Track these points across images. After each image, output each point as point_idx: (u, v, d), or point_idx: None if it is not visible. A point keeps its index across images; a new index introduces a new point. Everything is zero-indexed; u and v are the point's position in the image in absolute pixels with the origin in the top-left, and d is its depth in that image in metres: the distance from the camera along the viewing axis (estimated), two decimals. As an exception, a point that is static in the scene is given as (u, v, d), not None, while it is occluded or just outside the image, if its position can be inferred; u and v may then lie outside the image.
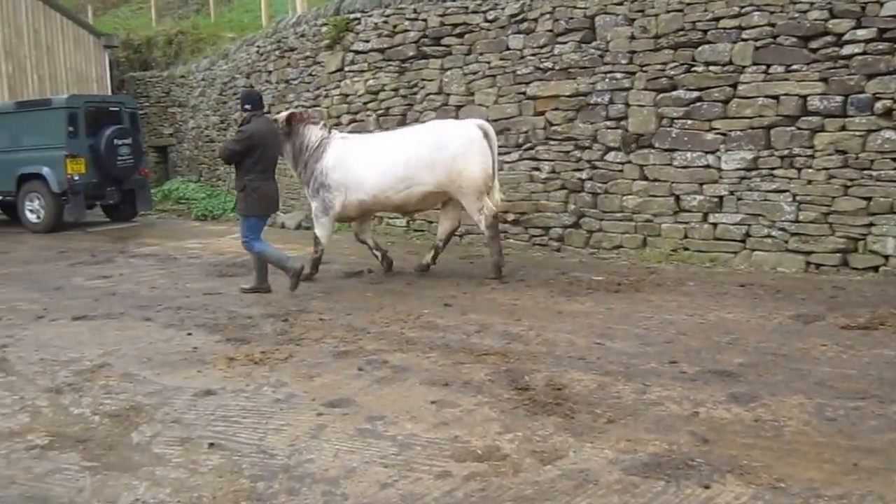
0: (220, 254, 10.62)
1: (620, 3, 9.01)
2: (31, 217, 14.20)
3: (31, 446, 4.27)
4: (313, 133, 8.40)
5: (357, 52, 11.97)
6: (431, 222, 11.09)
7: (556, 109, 9.59)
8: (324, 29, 12.58)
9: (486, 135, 8.24)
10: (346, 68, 12.20)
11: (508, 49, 9.97)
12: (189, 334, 6.49)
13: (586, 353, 5.56)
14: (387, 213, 9.64)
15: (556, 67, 9.55)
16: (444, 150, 8.07)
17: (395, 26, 11.31)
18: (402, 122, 11.29)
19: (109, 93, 20.17)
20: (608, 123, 9.18)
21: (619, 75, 9.07)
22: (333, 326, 6.55)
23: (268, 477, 3.77)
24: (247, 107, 7.82)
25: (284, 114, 8.59)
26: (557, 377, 5.04)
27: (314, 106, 13.02)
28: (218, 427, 4.44)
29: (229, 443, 4.20)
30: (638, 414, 4.39)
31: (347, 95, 12.20)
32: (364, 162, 8.23)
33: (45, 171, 13.76)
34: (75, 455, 4.13)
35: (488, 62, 10.16)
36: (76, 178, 13.81)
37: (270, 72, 14.70)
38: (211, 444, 4.18)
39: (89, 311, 7.49)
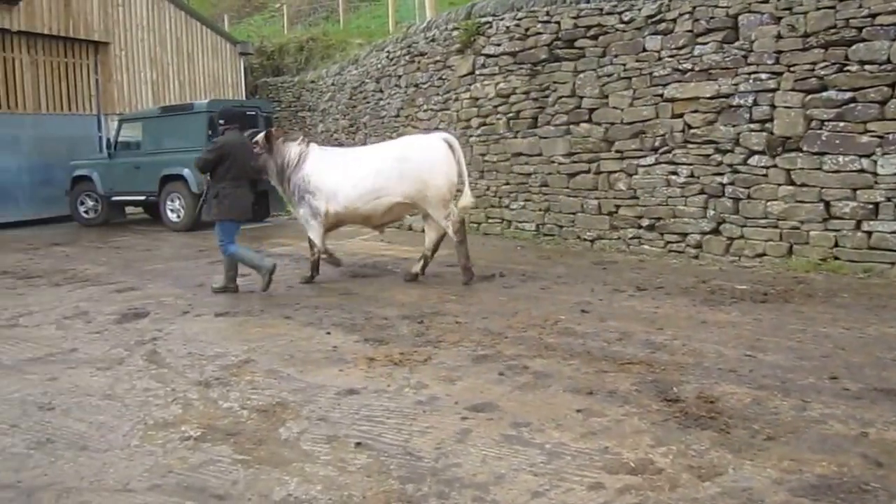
0: (352, 254, 10.74)
1: (766, 2, 8.62)
2: (172, 216, 14.81)
3: (185, 437, 4.39)
4: (293, 149, 8.81)
5: (488, 56, 11.93)
6: (561, 226, 10.96)
7: (696, 112, 9.27)
8: (455, 33, 12.61)
9: (450, 147, 8.57)
10: (477, 72, 12.17)
11: (645, 50, 9.71)
12: (328, 333, 6.56)
13: (737, 365, 5.31)
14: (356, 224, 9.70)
15: (696, 68, 9.24)
16: (411, 162, 8.46)
17: (527, 29, 11.21)
18: (533, 126, 11.19)
19: (243, 98, 20.86)
20: (752, 126, 8.79)
21: (763, 76, 8.68)
22: (470, 330, 6.50)
23: (416, 479, 3.73)
24: (220, 121, 8.54)
25: (262, 133, 9.01)
26: (708, 390, 4.83)
27: (443, 110, 13.07)
28: (363, 426, 4.44)
29: (375, 443, 4.19)
30: (800, 432, 4.13)
31: (477, 99, 12.17)
32: (337, 174, 8.63)
33: (186, 172, 14.30)
34: (227, 448, 4.22)
35: (623, 64, 9.92)
36: (214, 179, 14.28)
37: (400, 76, 14.85)
38: (357, 444, 4.18)
39: (231, 308, 7.70)
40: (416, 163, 8.45)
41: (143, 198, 15.57)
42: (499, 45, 11.69)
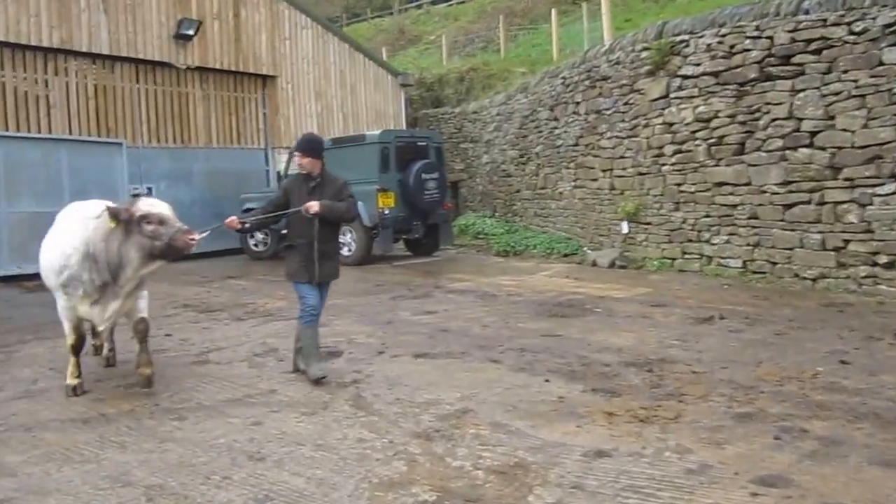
0: (540, 292, 10.00)
1: None
2: (343, 250, 14.44)
3: (419, 501, 3.79)
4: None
5: (685, 77, 10.97)
6: (775, 263, 9.85)
7: (946, 133, 8.04)
8: (644, 54, 11.75)
9: None
10: (671, 95, 11.22)
11: (882, 64, 8.48)
12: (547, 381, 5.82)
13: None
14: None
15: (947, 83, 8.03)
16: None
17: (732, 46, 10.19)
18: (740, 152, 10.12)
19: (404, 129, 20.69)
20: None
21: None
22: (713, 381, 5.61)
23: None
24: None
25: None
26: None
27: (631, 136, 12.18)
28: (630, 499, 3.70)
29: (653, 523, 3.41)
30: None
31: (672, 124, 11.22)
32: None
33: (359, 205, 13.91)
34: (470, 517, 3.53)
35: (855, 80, 8.72)
36: (386, 212, 13.93)
37: (578, 102, 14.06)
38: (631, 523, 3.41)
39: (428, 348, 7.09)
40: None
41: (314, 230, 15.28)
42: (698, 64, 10.71)
